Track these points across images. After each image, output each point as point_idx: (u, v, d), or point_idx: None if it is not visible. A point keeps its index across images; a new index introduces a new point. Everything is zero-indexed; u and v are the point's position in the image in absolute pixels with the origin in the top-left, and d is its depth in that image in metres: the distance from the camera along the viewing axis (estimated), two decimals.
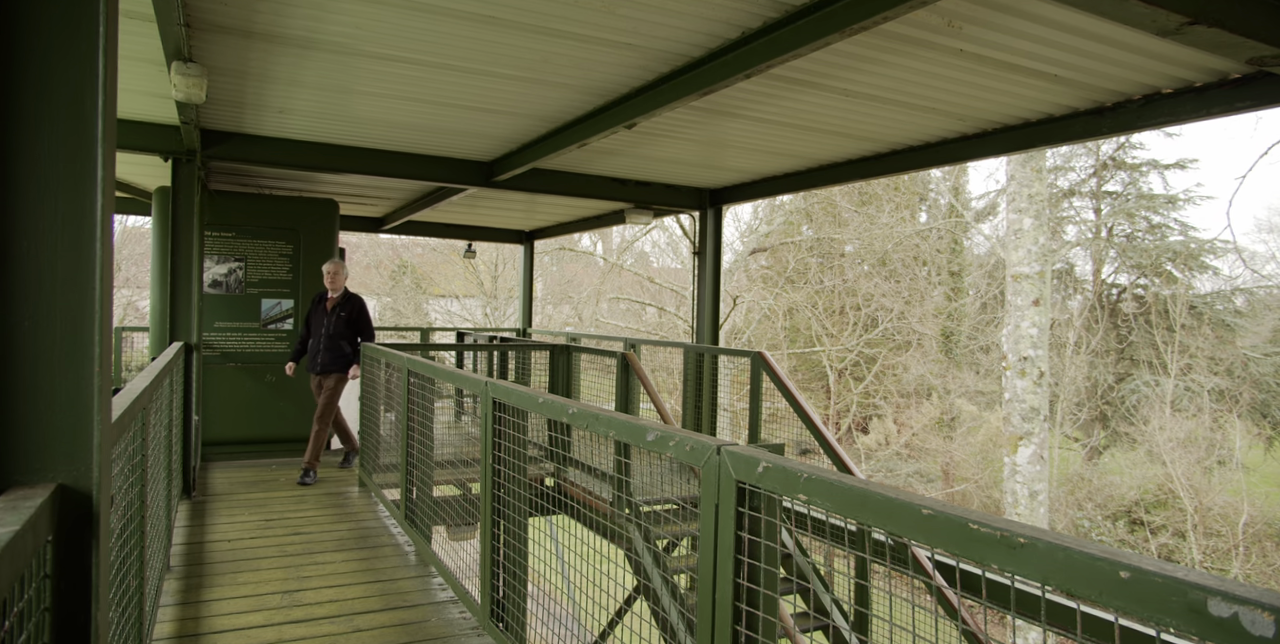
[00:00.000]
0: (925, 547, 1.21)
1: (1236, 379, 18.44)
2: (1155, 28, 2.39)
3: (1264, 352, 19.66)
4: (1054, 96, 3.83)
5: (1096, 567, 0.98)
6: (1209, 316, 20.72)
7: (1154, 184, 22.69)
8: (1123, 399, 19.98)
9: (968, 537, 1.14)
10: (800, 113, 4.42)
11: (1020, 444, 11.20)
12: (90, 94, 1.24)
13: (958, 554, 1.16)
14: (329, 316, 6.36)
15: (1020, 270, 11.05)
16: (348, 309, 6.41)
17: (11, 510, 1.09)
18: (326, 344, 6.34)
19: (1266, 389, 19.09)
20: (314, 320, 6.44)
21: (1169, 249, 22.14)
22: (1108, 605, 0.95)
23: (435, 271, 28.96)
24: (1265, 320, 20.87)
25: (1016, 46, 3.19)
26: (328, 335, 6.33)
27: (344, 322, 6.38)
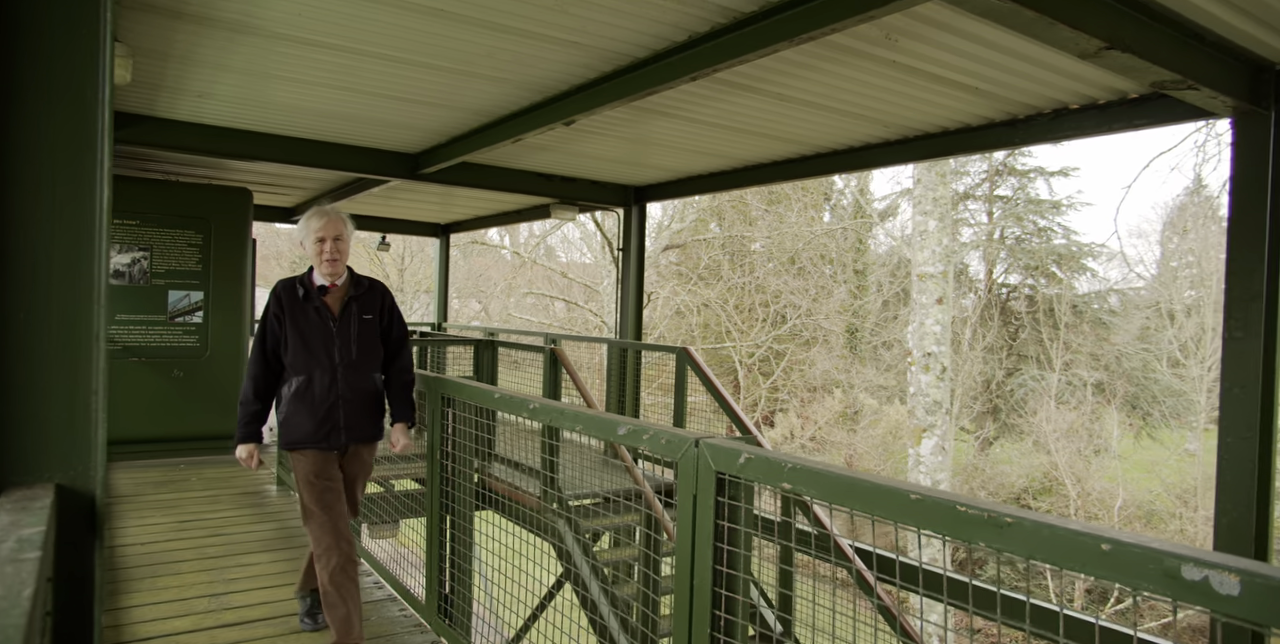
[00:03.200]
0: (912, 529, 1.31)
1: (1112, 373, 19.78)
2: (1077, 50, 2.59)
3: (1134, 348, 21.11)
4: (973, 107, 4.06)
5: (1079, 541, 1.10)
6: (1088, 315, 22.12)
7: (1040, 190, 24.02)
8: (1012, 393, 21.12)
9: (956, 518, 1.25)
10: (733, 115, 4.54)
11: (924, 436, 11.73)
12: (91, 85, 1.21)
13: (946, 535, 1.27)
14: (337, 324, 3.24)
15: (925, 270, 11.56)
16: (375, 308, 3.36)
17: (24, 511, 1.06)
18: (347, 382, 3.23)
19: (1136, 383, 20.53)
20: (299, 336, 3.22)
21: (1054, 251, 23.50)
22: (1090, 574, 1.07)
23: None
24: (1135, 319, 22.34)
25: (945, 60, 3.37)
26: (345, 364, 3.22)
27: (370, 331, 3.32)
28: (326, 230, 3.23)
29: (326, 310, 3.24)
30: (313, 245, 3.26)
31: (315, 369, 3.19)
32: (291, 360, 3.20)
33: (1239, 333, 3.23)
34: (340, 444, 3.24)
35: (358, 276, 3.40)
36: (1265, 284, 3.18)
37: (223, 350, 7.08)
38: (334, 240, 3.25)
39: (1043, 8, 2.29)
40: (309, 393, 3.19)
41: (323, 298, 3.27)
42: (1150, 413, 19.23)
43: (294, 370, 3.20)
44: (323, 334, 3.21)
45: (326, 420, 3.19)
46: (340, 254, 3.26)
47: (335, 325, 3.24)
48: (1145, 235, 26.87)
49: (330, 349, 3.21)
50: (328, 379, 3.19)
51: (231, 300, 7.15)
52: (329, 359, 3.20)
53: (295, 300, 3.25)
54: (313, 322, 3.22)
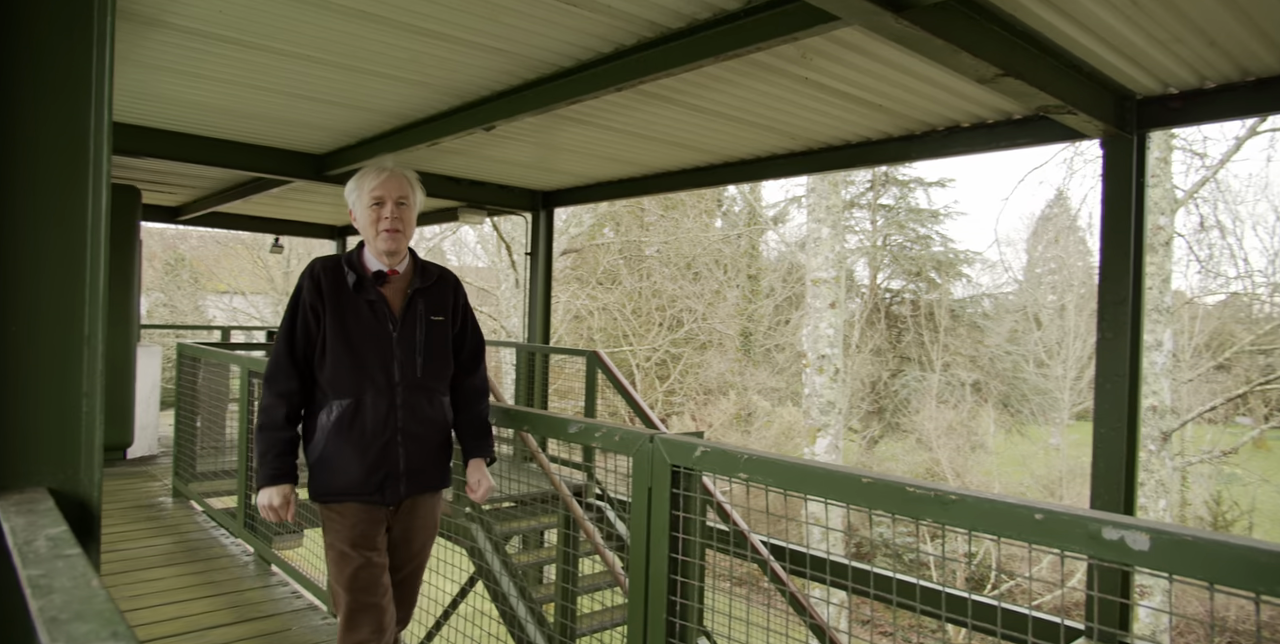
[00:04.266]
0: (864, 510, 1.46)
1: (987, 374, 21.06)
2: (976, 76, 2.85)
3: (1004, 349, 22.55)
4: (875, 123, 4.34)
5: (1016, 512, 1.26)
6: (965, 319, 23.47)
7: (920, 199, 25.35)
8: (896, 393, 22.16)
9: (905, 498, 1.40)
10: (647, 124, 4.67)
11: (819, 435, 12.21)
12: (85, 84, 1.22)
13: (895, 513, 1.42)
14: (399, 327, 2.41)
15: (819, 275, 12.05)
16: (446, 306, 2.53)
17: (34, 514, 1.07)
18: (411, 410, 2.40)
19: (1007, 382, 21.93)
20: (345, 341, 2.36)
21: (933, 258, 24.81)
22: (1023, 540, 1.24)
23: (217, 266, 26.80)
24: (1005, 322, 23.82)
25: (854, 79, 3.61)
26: (409, 384, 2.40)
27: (440, 338, 2.49)
28: (387, 188, 2.36)
29: (385, 307, 2.36)
30: (366, 210, 2.36)
31: (367, 390, 2.29)
32: (332, 376, 2.29)
33: (1110, 333, 3.58)
34: (397, 497, 2.36)
35: (423, 262, 2.52)
36: (1131, 289, 3.54)
37: (106, 358, 6.72)
38: (395, 204, 2.36)
39: (950, 37, 2.52)
40: (357, 424, 2.29)
41: (379, 288, 2.37)
42: (1020, 410, 20.57)
43: (335, 391, 2.29)
44: (379, 340, 2.32)
45: (381, 463, 2.30)
46: (405, 224, 2.38)
47: (396, 329, 2.35)
48: (1014, 243, 28.66)
49: (388, 362, 2.32)
50: (384, 405, 2.30)
51: (117, 307, 6.79)
52: (386, 377, 2.31)
53: (342, 289, 2.33)
54: (365, 322, 2.32)
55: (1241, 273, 13.64)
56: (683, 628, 1.82)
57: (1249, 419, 16.83)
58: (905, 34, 2.47)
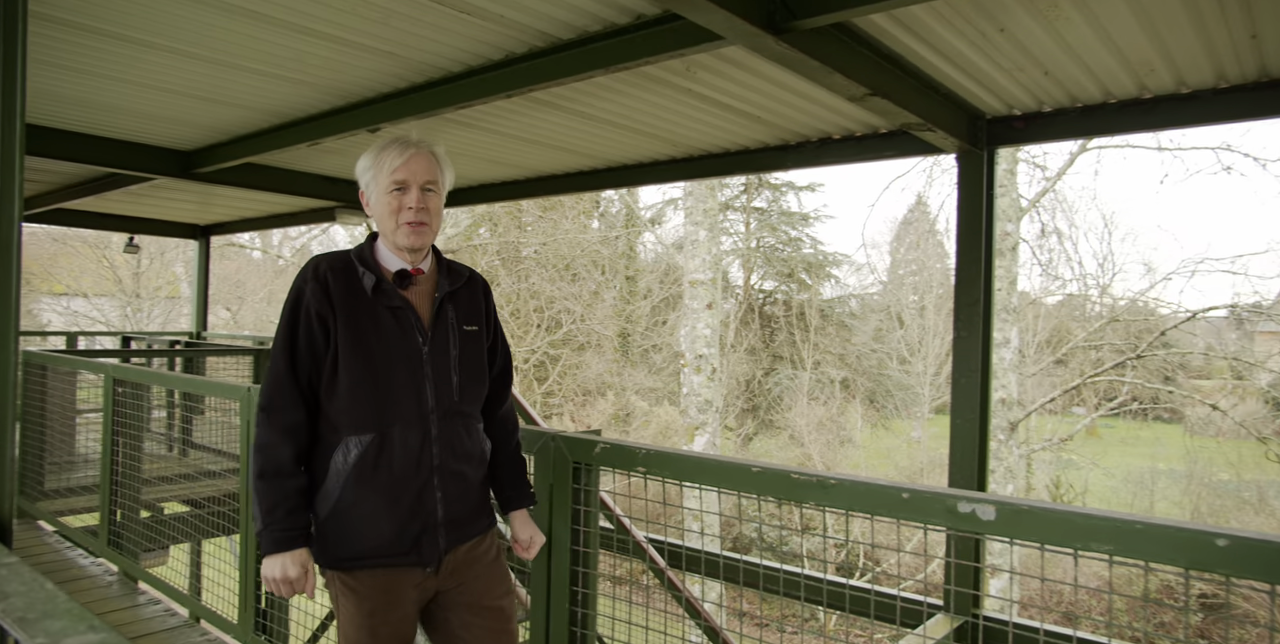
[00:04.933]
0: (753, 496, 1.59)
1: (854, 371, 22.14)
2: (847, 94, 3.07)
3: (870, 347, 23.77)
4: (753, 133, 4.56)
5: (886, 493, 1.43)
6: (833, 318, 24.58)
7: (791, 203, 26.34)
8: (769, 390, 22.97)
9: (791, 484, 1.54)
10: (534, 129, 4.73)
11: (696, 433, 12.53)
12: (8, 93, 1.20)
13: (782, 498, 1.56)
14: (429, 340, 1.96)
15: (696, 277, 12.38)
16: (479, 313, 2.11)
17: None
18: (448, 444, 1.95)
19: (873, 379, 23.13)
20: (364, 360, 1.89)
21: (803, 260, 25.84)
22: (893, 517, 1.40)
23: (53, 265, 24.79)
24: (870, 321, 25.09)
25: (735, 92, 3.79)
26: (445, 411, 1.95)
27: (476, 352, 2.06)
28: (412, 170, 1.93)
29: (411, 315, 1.93)
30: (384, 197, 1.94)
31: (394, 422, 1.86)
32: (348, 404, 1.86)
33: (964, 332, 3.91)
34: (436, 555, 1.90)
35: (448, 260, 2.12)
36: (983, 291, 3.88)
37: None
38: (422, 189, 1.95)
39: (825, 59, 2.72)
40: (384, 465, 1.85)
41: (403, 292, 1.95)
42: (885, 406, 21.73)
43: (351, 424, 1.86)
44: (407, 357, 1.89)
45: (416, 514, 1.88)
46: (432, 215, 1.96)
47: (426, 342, 1.92)
48: (878, 246, 30.21)
49: (419, 384, 1.90)
50: (416, 439, 1.88)
51: None
52: (417, 403, 1.89)
53: (356, 293, 1.90)
54: (388, 334, 1.89)
55: (1076, 275, 14.96)
56: (584, 616, 1.92)
57: (1082, 409, 18.43)
58: (784, 55, 2.65)
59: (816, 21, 2.53)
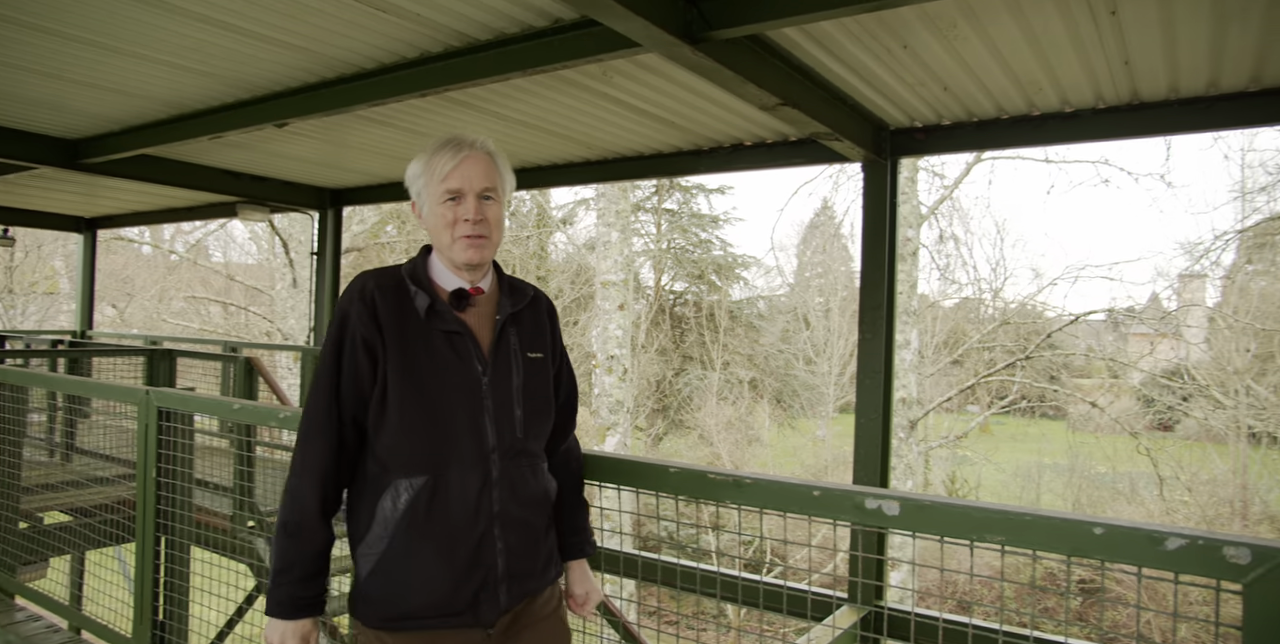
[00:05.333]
0: (671, 496, 1.64)
1: (762, 371, 22.62)
2: (759, 103, 3.16)
3: (778, 348, 24.31)
4: (668, 138, 4.63)
5: (798, 491, 1.49)
6: (742, 319, 25.03)
7: (702, 205, 26.69)
8: (679, 391, 23.23)
9: (706, 483, 1.59)
10: (448, 128, 4.68)
11: (608, 434, 12.59)
12: None
13: (699, 497, 1.61)
14: (490, 369, 1.74)
15: (608, 278, 12.43)
16: (544, 338, 1.89)
17: None
18: (511, 487, 1.72)
19: (780, 379, 23.67)
20: (419, 393, 1.68)
21: (713, 262, 26.23)
22: (805, 514, 1.47)
23: None
24: (778, 322, 25.64)
25: (650, 97, 3.85)
26: (508, 450, 1.73)
27: (541, 383, 1.84)
28: (467, 177, 1.71)
29: (470, 341, 1.73)
30: (437, 207, 1.73)
31: (451, 463, 1.67)
32: (398, 443, 1.67)
33: (869, 334, 4.07)
34: (496, 613, 1.69)
35: (510, 277, 1.91)
36: (886, 295, 4.05)
37: None
38: (479, 197, 1.73)
39: (739, 69, 2.80)
40: (438, 513, 1.65)
41: (459, 313, 1.75)
42: (792, 405, 22.27)
43: (401, 465, 1.67)
44: (466, 389, 1.70)
45: (475, 568, 1.67)
46: (492, 227, 1.76)
47: (487, 372, 1.72)
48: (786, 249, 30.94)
49: (478, 420, 1.69)
50: (475, 483, 1.67)
51: None
52: (476, 441, 1.68)
53: (408, 317, 1.70)
54: (444, 362, 1.69)
55: (971, 279, 15.70)
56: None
57: (976, 407, 19.34)
58: (700, 64, 2.71)
59: (731, 32, 2.60)
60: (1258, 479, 14.46)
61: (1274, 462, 13.59)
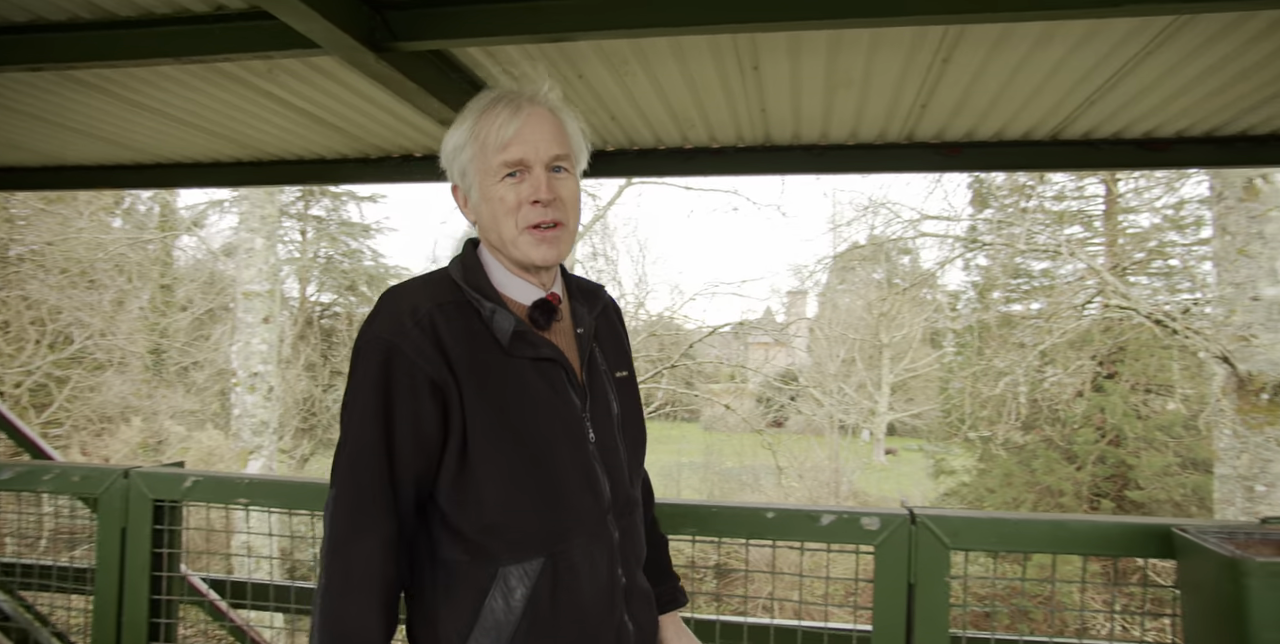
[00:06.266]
0: None
1: None
2: (440, 118, 3.16)
3: None
4: (334, 143, 4.40)
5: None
6: None
7: (352, 213, 25.55)
8: (328, 409, 21.92)
9: None
10: (64, 112, 4.00)
11: (250, 458, 11.48)
12: None
13: None
14: (588, 398, 1.35)
15: (252, 288, 11.38)
16: (624, 348, 1.51)
17: None
18: (631, 551, 1.37)
19: None
20: (518, 443, 1.25)
21: (365, 272, 25.22)
22: None
23: None
24: None
25: (319, 99, 3.64)
26: (620, 505, 1.35)
27: (635, 405, 1.46)
28: (531, 143, 1.32)
29: (565, 369, 1.34)
30: (494, 186, 1.32)
31: (572, 535, 1.27)
32: (501, 519, 1.24)
33: None
34: None
35: (573, 276, 1.52)
36: None
37: None
38: (549, 169, 1.33)
39: (422, 82, 2.78)
40: (564, 604, 1.24)
41: (545, 334, 1.35)
42: None
43: (509, 547, 1.24)
44: (569, 434, 1.30)
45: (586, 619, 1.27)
46: (568, 209, 1.35)
47: (586, 407, 1.34)
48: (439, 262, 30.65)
49: (590, 470, 1.31)
50: (604, 557, 1.29)
51: None
52: (595, 500, 1.30)
53: (484, 344, 1.28)
54: (540, 402, 1.29)
55: (619, 294, 16.89)
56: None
57: None
58: (383, 73, 2.65)
59: (417, 45, 2.58)
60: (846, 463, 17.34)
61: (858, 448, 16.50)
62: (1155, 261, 16.89)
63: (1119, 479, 16.12)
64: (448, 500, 1.23)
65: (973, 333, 15.35)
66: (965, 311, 17.01)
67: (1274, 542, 1.52)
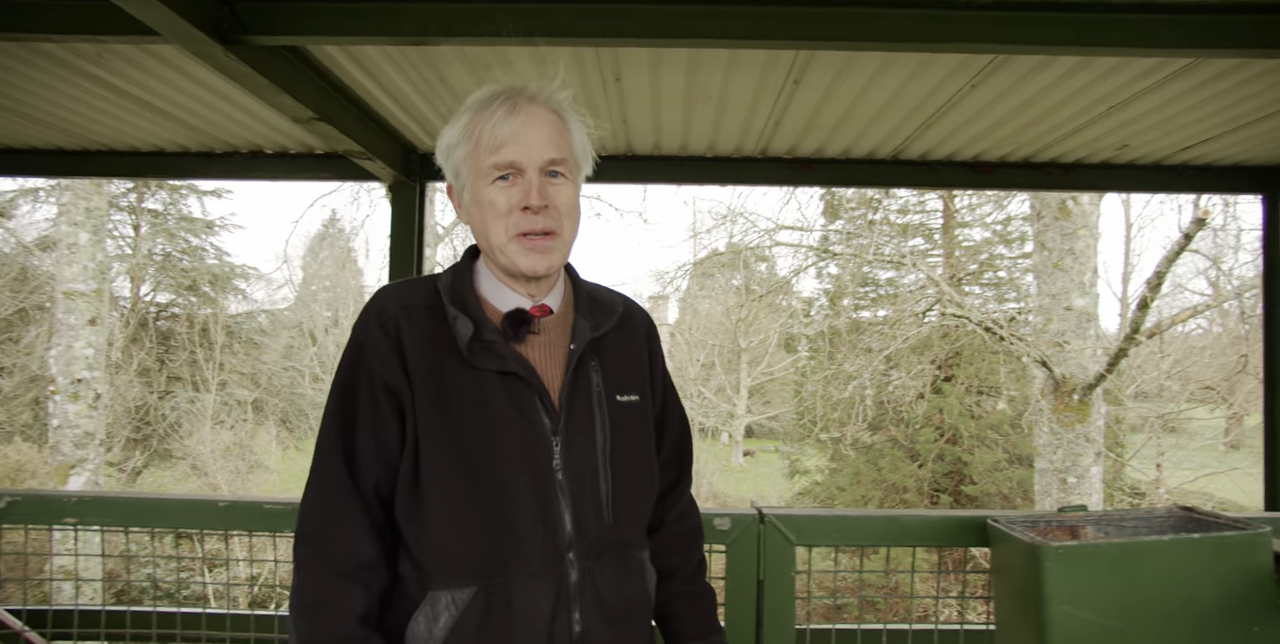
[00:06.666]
0: (220, 532, 1.51)
1: (266, 391, 20.99)
2: (293, 115, 3.04)
3: (282, 366, 22.86)
4: (175, 136, 4.14)
5: None
6: (241, 335, 22.97)
7: (193, 208, 23.93)
8: (165, 417, 20.43)
9: (262, 513, 1.51)
10: None
11: (71, 473, 10.55)
12: None
13: (254, 530, 1.51)
14: (560, 421, 1.23)
15: (75, 287, 10.49)
16: (641, 369, 1.37)
17: None
18: (596, 594, 1.22)
19: (286, 399, 22.26)
20: (458, 459, 1.17)
21: (208, 271, 23.67)
22: None
23: None
24: (281, 338, 24.17)
25: (157, 89, 3.41)
26: (588, 545, 1.22)
27: (639, 438, 1.31)
28: (524, 145, 1.23)
29: (534, 385, 1.24)
30: (485, 188, 1.25)
31: (512, 570, 1.19)
32: (438, 540, 1.20)
33: None
34: None
35: (588, 285, 1.40)
36: None
37: None
38: (544, 174, 1.25)
39: (274, 78, 2.67)
40: (492, 637, 1.17)
41: (518, 346, 1.26)
42: (299, 426, 21.06)
43: (442, 572, 1.20)
44: (529, 457, 1.21)
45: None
46: (563, 216, 1.27)
47: (559, 428, 1.25)
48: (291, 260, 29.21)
49: (550, 502, 1.22)
50: (547, 596, 1.20)
51: None
52: (548, 536, 1.21)
53: (442, 349, 1.22)
54: (499, 419, 1.21)
55: None
56: None
57: None
58: (232, 67, 2.53)
59: (269, 40, 2.48)
60: (706, 465, 17.75)
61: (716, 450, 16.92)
62: (986, 273, 18.30)
63: (956, 475, 17.33)
64: (400, 509, 1.21)
65: (824, 338, 16.11)
66: (818, 318, 17.84)
67: (1070, 528, 1.72)
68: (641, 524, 1.33)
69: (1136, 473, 16.37)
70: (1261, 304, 4.05)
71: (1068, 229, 8.21)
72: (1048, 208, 8.31)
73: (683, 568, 1.40)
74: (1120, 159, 4.00)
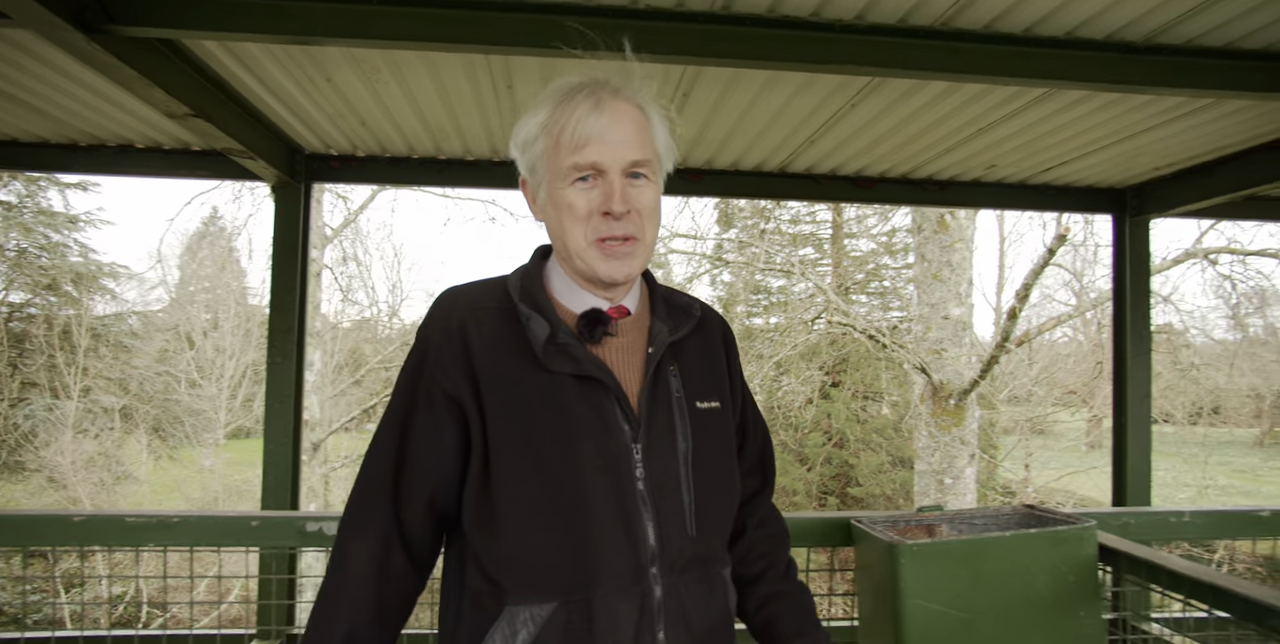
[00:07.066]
0: (76, 548, 1.43)
1: (136, 398, 19.77)
2: (166, 111, 2.90)
3: (155, 371, 21.60)
4: (32, 126, 3.87)
5: (236, 523, 1.46)
6: (108, 338, 21.57)
7: (55, 201, 22.35)
8: (17, 426, 18.97)
9: (125, 527, 1.44)
10: None
11: None
12: None
13: (113, 544, 1.44)
14: (640, 427, 1.10)
15: None
16: (719, 374, 1.26)
17: None
18: (680, 609, 1.09)
19: (159, 405, 21.03)
20: (536, 468, 1.06)
21: (71, 269, 22.13)
22: (245, 545, 1.44)
23: None
24: (155, 341, 22.85)
25: (8, 74, 3.19)
26: (671, 559, 1.10)
27: (721, 445, 1.19)
28: (608, 144, 1.14)
29: (612, 390, 1.15)
30: (562, 189, 1.17)
31: (596, 585, 1.09)
32: (514, 554, 1.10)
33: (279, 359, 3.99)
34: None
35: (665, 289, 1.32)
36: (297, 319, 4.03)
37: None
38: (626, 175, 1.16)
39: (145, 71, 2.54)
40: None
41: (595, 349, 1.18)
42: (173, 434, 19.93)
43: (520, 587, 1.09)
44: (610, 467, 1.11)
45: None
46: (644, 220, 1.18)
47: (640, 437, 1.15)
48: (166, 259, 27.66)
49: (632, 514, 1.12)
50: (631, 613, 1.10)
51: None
52: (630, 548, 1.11)
53: (514, 352, 1.14)
54: (577, 427, 1.11)
55: (371, 300, 16.18)
56: None
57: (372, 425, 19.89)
58: (97, 58, 2.40)
59: (138, 32, 2.37)
60: None
61: None
62: (872, 282, 19.08)
63: (843, 478, 17.92)
64: (469, 523, 1.16)
65: None
66: None
67: (927, 526, 1.83)
68: (724, 537, 1.29)
69: (1008, 473, 17.38)
70: (1111, 315, 4.39)
71: (946, 242, 8.67)
72: (928, 221, 8.76)
73: (772, 569, 1.37)
74: (989, 178, 4.26)
